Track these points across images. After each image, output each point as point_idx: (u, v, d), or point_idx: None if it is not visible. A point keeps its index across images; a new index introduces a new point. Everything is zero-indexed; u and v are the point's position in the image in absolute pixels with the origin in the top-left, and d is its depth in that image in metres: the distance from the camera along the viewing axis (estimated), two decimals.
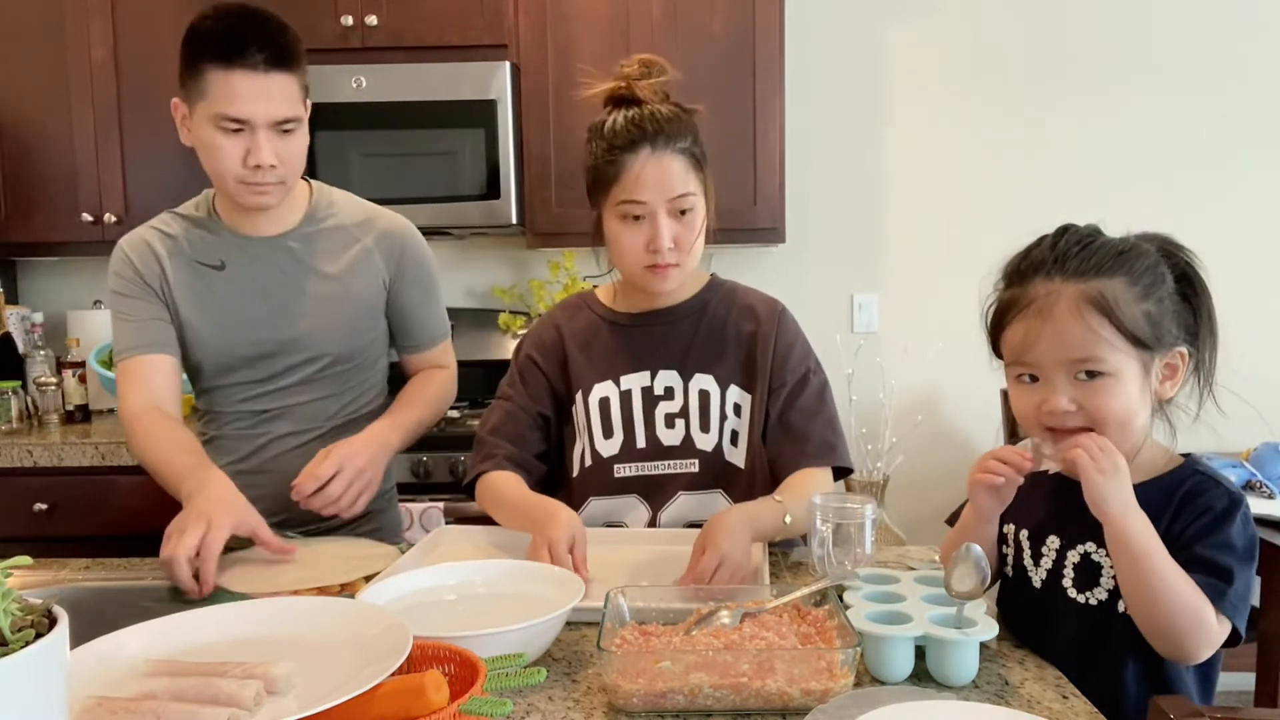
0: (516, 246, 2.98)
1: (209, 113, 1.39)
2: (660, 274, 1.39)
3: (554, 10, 2.60)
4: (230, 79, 1.36)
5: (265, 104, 1.38)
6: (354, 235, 1.59)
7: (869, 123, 3.01)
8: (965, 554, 1.02)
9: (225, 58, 1.36)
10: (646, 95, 1.39)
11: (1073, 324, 1.01)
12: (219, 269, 1.54)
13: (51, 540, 2.35)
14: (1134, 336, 1.00)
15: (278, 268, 1.54)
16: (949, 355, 2.86)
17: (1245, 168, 2.96)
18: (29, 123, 2.68)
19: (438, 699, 0.78)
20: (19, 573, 0.97)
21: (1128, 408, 1.02)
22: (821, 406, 1.47)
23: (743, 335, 1.48)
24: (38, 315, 2.87)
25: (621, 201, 1.36)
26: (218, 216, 1.55)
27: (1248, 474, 2.33)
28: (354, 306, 1.58)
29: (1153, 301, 1.02)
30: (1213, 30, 2.92)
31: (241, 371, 1.56)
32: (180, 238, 1.54)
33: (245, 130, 1.39)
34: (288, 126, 1.43)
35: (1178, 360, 1.04)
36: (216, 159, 1.42)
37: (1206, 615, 0.97)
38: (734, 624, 1.04)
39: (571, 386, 1.50)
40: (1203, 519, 1.01)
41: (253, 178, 1.42)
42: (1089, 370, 1.02)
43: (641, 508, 1.46)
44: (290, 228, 1.55)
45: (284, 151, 1.43)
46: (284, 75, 1.40)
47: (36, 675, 0.61)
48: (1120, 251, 1.03)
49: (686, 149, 1.36)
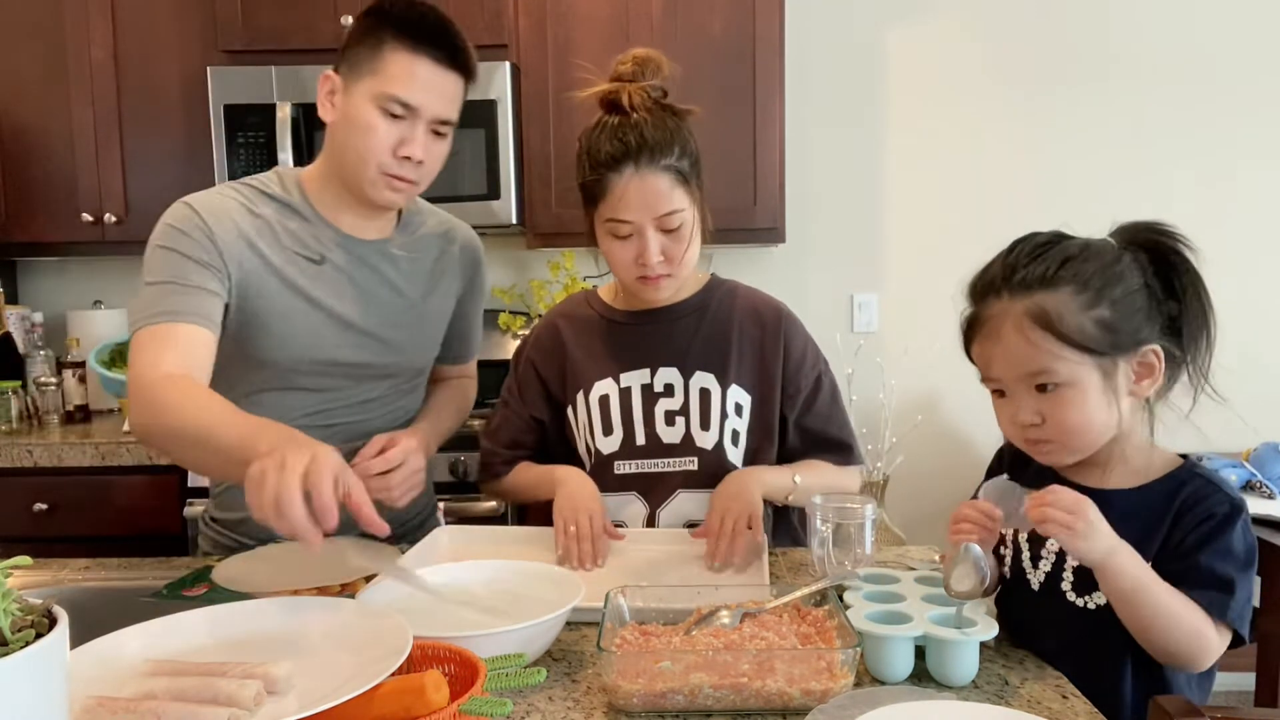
0: (516, 246, 2.98)
1: (376, 90, 1.32)
2: (652, 284, 1.40)
3: (554, 10, 2.60)
4: (415, 63, 1.32)
5: (437, 98, 1.34)
6: (441, 245, 1.55)
7: (869, 123, 3.01)
8: (965, 554, 1.02)
9: (415, 40, 1.32)
10: (637, 102, 1.36)
11: (1018, 341, 1.02)
12: (318, 263, 1.41)
13: (51, 540, 2.35)
14: (1082, 345, 1.00)
15: (378, 273, 1.45)
16: (949, 355, 2.80)
17: (1246, 167, 2.95)
18: (29, 123, 2.68)
19: (438, 699, 0.78)
20: (19, 573, 0.97)
21: (1088, 415, 1.02)
22: (835, 409, 1.52)
23: (748, 338, 1.49)
24: (38, 315, 2.88)
25: (608, 219, 1.36)
26: (311, 205, 1.42)
27: (1248, 474, 2.34)
28: (440, 318, 1.56)
29: (1106, 305, 1.00)
30: (1215, 30, 2.92)
31: (312, 378, 1.42)
32: (273, 221, 1.39)
33: (407, 119, 1.33)
34: (443, 129, 1.38)
35: (1151, 358, 1.02)
36: (368, 139, 1.33)
37: (1206, 631, 0.97)
38: (734, 624, 1.04)
39: (572, 386, 1.50)
40: (1203, 526, 1.00)
41: (398, 169, 1.35)
42: (1044, 382, 1.02)
43: (640, 505, 1.46)
44: (388, 235, 1.48)
45: (432, 152, 1.38)
46: (459, 78, 1.37)
47: (36, 675, 0.61)
48: (1067, 258, 1.02)
49: (672, 165, 1.33)
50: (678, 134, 1.35)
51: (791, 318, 1.52)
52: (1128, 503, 1.05)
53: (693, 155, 1.37)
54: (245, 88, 2.51)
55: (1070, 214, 1.13)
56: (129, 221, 2.67)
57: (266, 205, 1.40)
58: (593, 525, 1.34)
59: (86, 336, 2.81)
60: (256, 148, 2.53)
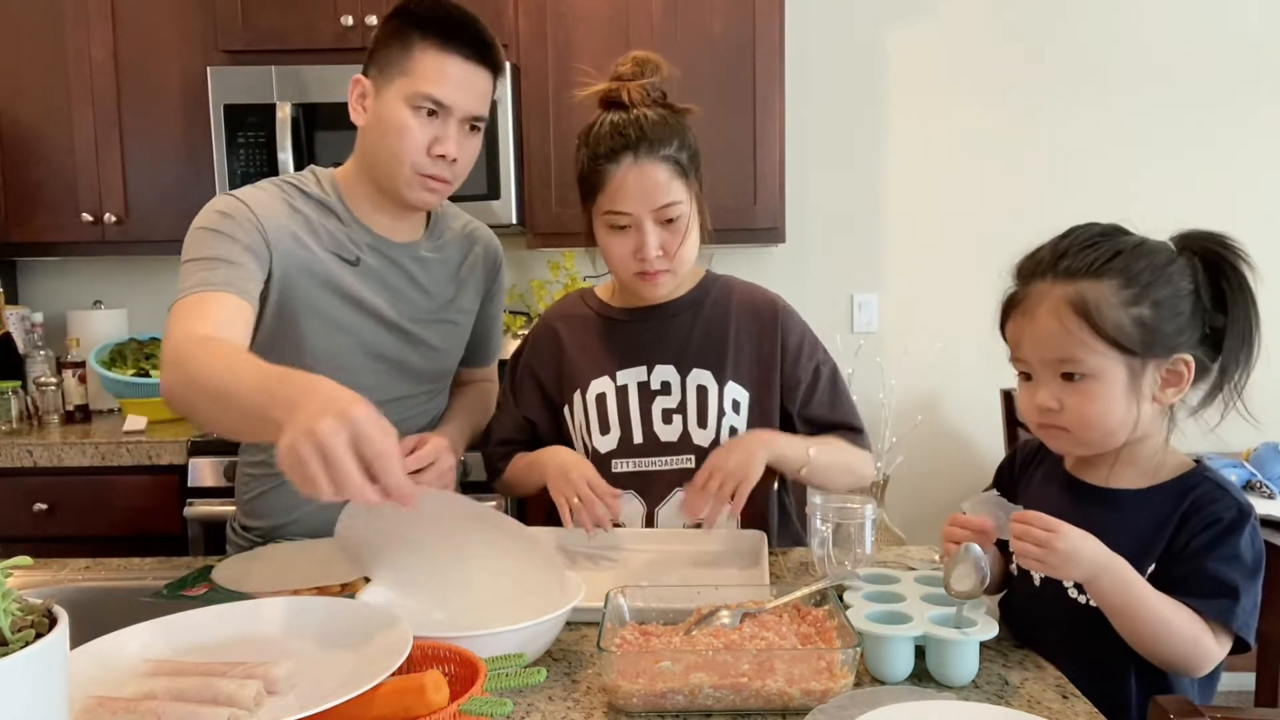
0: (516, 246, 2.97)
1: (408, 90, 1.33)
2: (650, 280, 1.40)
3: (554, 10, 2.60)
4: (445, 61, 1.32)
5: (469, 95, 1.35)
6: (465, 247, 1.56)
7: (869, 123, 3.01)
8: (965, 554, 1.02)
9: (444, 38, 1.32)
10: (636, 98, 1.37)
11: (1052, 325, 1.02)
12: (353, 264, 1.41)
13: (51, 540, 2.35)
14: (1115, 341, 0.99)
15: (408, 274, 1.46)
16: (949, 355, 2.86)
17: (1248, 166, 2.95)
18: (29, 123, 2.68)
19: (438, 699, 0.78)
20: (19, 573, 0.97)
21: (1107, 410, 1.02)
22: (838, 396, 1.52)
23: (744, 334, 1.48)
24: (38, 315, 2.88)
25: (607, 211, 1.36)
26: (346, 207, 1.43)
27: (1248, 474, 2.33)
28: (466, 320, 1.57)
29: (1147, 305, 0.99)
30: (1215, 30, 2.92)
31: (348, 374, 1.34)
32: (314, 221, 1.39)
33: (439, 117, 1.34)
34: (476, 125, 1.39)
35: (1181, 367, 1.01)
36: (402, 139, 1.33)
37: (1204, 640, 0.97)
38: (734, 624, 1.04)
39: (569, 385, 1.50)
40: (1209, 531, 1.00)
41: (431, 168, 1.35)
42: (1070, 371, 1.02)
43: (638, 504, 1.46)
44: (418, 238, 1.49)
45: (466, 149, 1.38)
46: (489, 74, 1.37)
47: (36, 675, 0.61)
48: (1118, 252, 1.01)
49: (671, 156, 1.34)
50: (677, 128, 1.36)
51: (788, 311, 1.52)
52: (1134, 503, 1.05)
53: (691, 149, 1.38)
54: (245, 88, 2.51)
55: (1071, 214, 1.13)
56: (129, 221, 2.67)
57: (306, 204, 1.40)
58: (594, 489, 1.34)
59: (86, 336, 2.81)
60: (256, 148, 2.53)
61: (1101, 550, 0.97)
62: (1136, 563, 1.00)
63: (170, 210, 2.62)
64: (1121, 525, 1.03)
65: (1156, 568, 1.01)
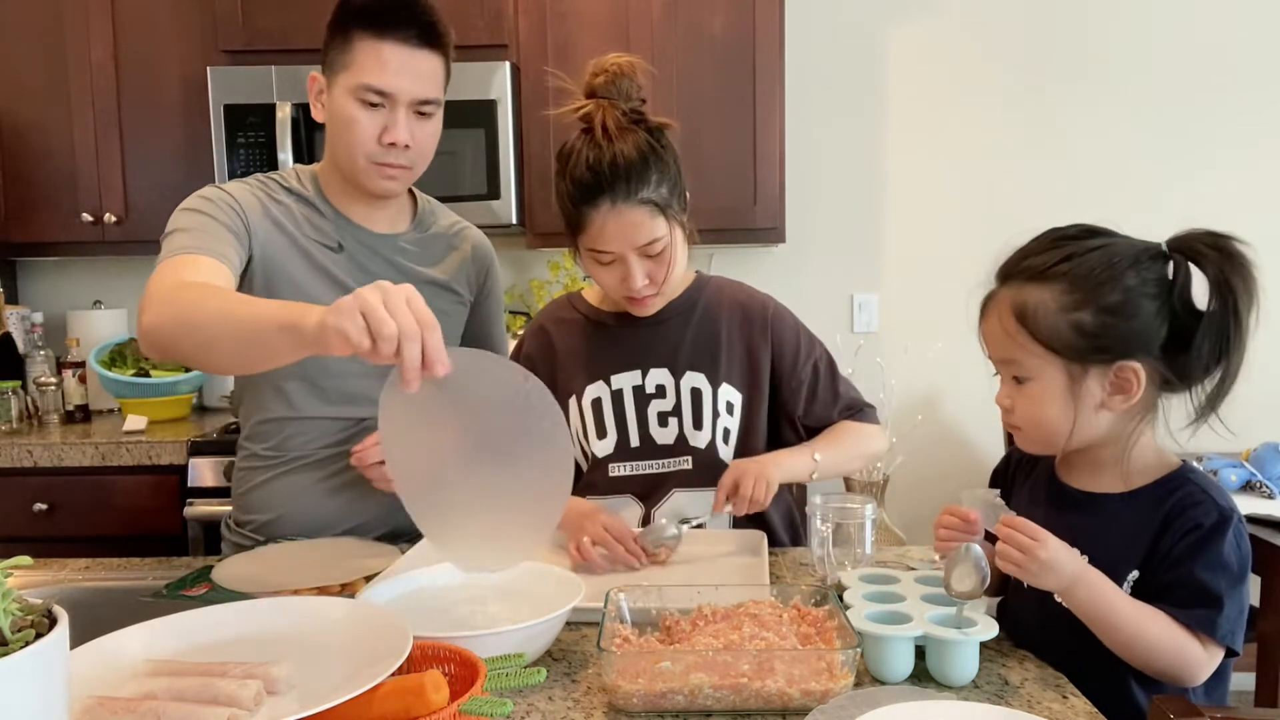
0: (516, 246, 2.98)
1: (351, 84, 1.34)
2: (639, 304, 1.42)
3: (554, 10, 2.60)
4: (381, 49, 1.33)
5: (411, 79, 1.34)
6: (453, 243, 1.56)
7: (869, 123, 3.01)
8: (965, 554, 1.02)
9: (379, 27, 1.32)
10: (610, 124, 1.32)
11: (996, 327, 1.06)
12: (336, 251, 1.44)
13: (51, 540, 2.35)
14: (1050, 346, 1.00)
15: (393, 266, 1.47)
16: (949, 355, 2.86)
17: (1250, 165, 2.95)
18: (29, 123, 2.68)
19: (438, 699, 0.78)
20: (19, 573, 0.97)
21: (1045, 413, 1.03)
22: (837, 384, 1.53)
23: (737, 338, 1.49)
24: (38, 315, 2.88)
25: (589, 249, 1.37)
26: (325, 199, 1.46)
27: (1248, 474, 2.33)
28: (458, 315, 1.57)
29: (1090, 311, 0.99)
30: (1215, 30, 2.92)
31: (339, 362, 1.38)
32: (294, 210, 1.43)
33: (385, 106, 1.34)
34: (427, 109, 1.38)
35: (1129, 375, 1.00)
36: (351, 132, 1.35)
37: (1189, 650, 0.96)
38: (678, 535, 1.26)
39: (564, 390, 1.50)
40: (1190, 537, 0.99)
41: (385, 157, 1.36)
42: (1015, 373, 1.05)
43: (636, 506, 1.46)
44: (402, 230, 1.51)
45: (419, 134, 1.38)
46: (433, 55, 1.36)
47: (36, 675, 0.61)
48: (1069, 256, 1.01)
49: (648, 198, 1.31)
50: (654, 159, 1.32)
51: (779, 314, 1.52)
52: (1115, 507, 1.05)
53: (671, 178, 1.34)
54: (245, 88, 2.51)
55: (1071, 213, 1.12)
56: (129, 221, 2.67)
57: (287, 196, 1.44)
58: (612, 531, 1.31)
59: (86, 336, 2.81)
60: (256, 148, 2.53)
61: (1076, 560, 0.98)
62: (1118, 569, 1.00)
63: (170, 210, 2.55)
64: (1103, 531, 1.03)
65: (1141, 574, 1.01)
